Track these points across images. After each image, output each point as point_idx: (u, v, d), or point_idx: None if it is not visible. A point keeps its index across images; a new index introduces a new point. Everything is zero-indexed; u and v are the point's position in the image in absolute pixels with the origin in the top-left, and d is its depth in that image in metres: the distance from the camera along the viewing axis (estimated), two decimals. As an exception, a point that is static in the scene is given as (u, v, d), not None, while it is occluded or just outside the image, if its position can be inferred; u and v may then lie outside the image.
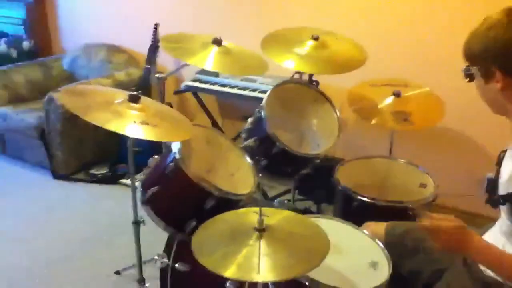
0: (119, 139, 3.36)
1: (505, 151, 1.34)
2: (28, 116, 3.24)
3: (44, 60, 3.77)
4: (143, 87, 3.17)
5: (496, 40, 1.17)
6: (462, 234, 1.25)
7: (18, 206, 2.91)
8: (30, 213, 2.84)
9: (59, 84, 3.56)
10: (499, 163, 1.36)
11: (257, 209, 1.31)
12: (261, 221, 1.29)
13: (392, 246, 1.53)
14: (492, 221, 1.44)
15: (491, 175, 2.42)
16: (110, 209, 2.89)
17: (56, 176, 3.22)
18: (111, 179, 3.22)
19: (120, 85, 3.17)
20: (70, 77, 3.69)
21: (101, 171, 3.29)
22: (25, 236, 2.62)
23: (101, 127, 3.22)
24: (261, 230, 1.28)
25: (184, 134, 1.55)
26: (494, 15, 1.20)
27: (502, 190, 1.29)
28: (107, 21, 3.68)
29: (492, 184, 1.38)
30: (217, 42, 1.95)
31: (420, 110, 2.22)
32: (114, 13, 3.63)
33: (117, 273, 2.28)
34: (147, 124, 1.40)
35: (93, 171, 3.29)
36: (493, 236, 1.40)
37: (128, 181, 3.18)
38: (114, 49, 3.58)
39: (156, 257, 1.86)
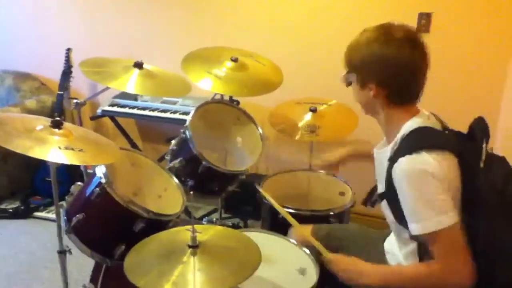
0: (32, 171, 3.20)
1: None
2: None
3: None
4: (57, 114, 3.05)
5: (373, 55, 1.32)
6: (350, 264, 1.45)
7: None
8: None
9: (-39, 115, 3.31)
10: None
11: (189, 226, 1.34)
12: (194, 238, 1.32)
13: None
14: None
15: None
16: (27, 245, 2.72)
17: (-37, 214, 2.98)
18: (25, 213, 3.03)
19: (31, 113, 3.01)
20: (-26, 107, 3.45)
21: (13, 205, 3.09)
22: None
23: (11, 160, 3.04)
24: (195, 246, 1.31)
25: (111, 157, 1.53)
26: (371, 30, 1.34)
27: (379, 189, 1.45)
28: (14, 47, 3.50)
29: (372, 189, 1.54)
30: (139, 65, 1.96)
31: (331, 123, 2.39)
32: (21, 38, 3.46)
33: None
34: (72, 149, 1.38)
35: (3, 206, 3.08)
36: (392, 236, 1.55)
37: (43, 214, 3.03)
38: (22, 76, 3.40)
39: (82, 288, 1.80)
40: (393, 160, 1.30)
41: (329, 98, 2.52)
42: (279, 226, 1.93)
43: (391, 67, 1.31)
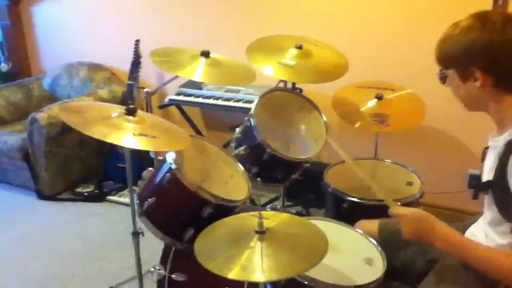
0: (105, 157, 3.38)
1: (488, 148, 1.42)
2: (10, 138, 3.22)
3: (24, 81, 3.75)
4: (127, 103, 3.19)
5: (475, 42, 1.26)
6: (428, 222, 1.35)
7: (5, 230, 2.87)
8: (18, 235, 2.81)
9: (41, 104, 3.54)
10: (483, 159, 1.44)
11: (256, 212, 1.36)
12: (261, 224, 1.33)
13: (386, 241, 1.59)
14: (475, 215, 1.53)
15: (472, 171, 2.54)
16: (100, 226, 2.88)
17: (42, 197, 3.20)
18: (98, 197, 3.21)
19: (103, 102, 3.18)
20: (52, 97, 3.68)
21: (88, 189, 3.29)
22: (15, 260, 2.59)
23: (86, 146, 3.23)
24: (262, 232, 1.33)
25: (182, 144, 1.58)
26: (464, 21, 1.30)
27: (484, 179, 1.37)
28: (87, 40, 3.70)
29: (477, 179, 1.46)
30: (205, 54, 2.00)
31: (400, 113, 2.30)
32: (93, 31, 3.65)
33: (112, 288, 2.29)
34: (146, 135, 1.44)
35: (79, 189, 3.28)
36: (478, 226, 1.48)
37: (115, 198, 3.20)
38: (95, 67, 3.59)
39: (152, 269, 1.88)
40: (511, 148, 1.24)
41: (395, 84, 2.43)
42: (343, 215, 1.92)
43: (497, 50, 1.25)
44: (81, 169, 3.34)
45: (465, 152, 2.64)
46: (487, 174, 1.35)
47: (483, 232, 1.41)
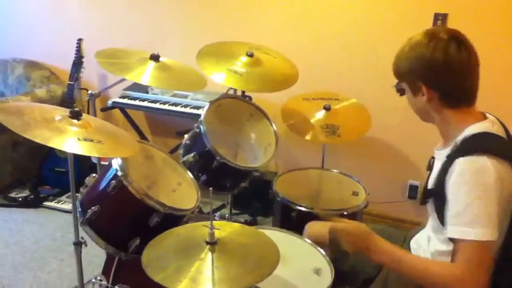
0: (41, 160, 3.19)
1: (434, 158, 1.48)
2: None
3: (-48, 78, 3.47)
4: (67, 104, 3.06)
5: (419, 59, 1.32)
6: (364, 236, 1.39)
7: None
8: None
9: (-29, 103, 3.29)
10: (430, 168, 1.50)
11: (207, 222, 1.32)
12: (212, 235, 1.30)
13: (336, 243, 1.61)
14: (416, 225, 1.58)
15: (413, 182, 2.63)
16: (35, 234, 2.72)
17: (-30, 202, 2.98)
18: (33, 203, 3.03)
19: (41, 102, 3.01)
20: (-17, 96, 3.44)
21: (22, 194, 3.09)
22: None
23: (20, 148, 3.03)
24: (213, 243, 1.30)
25: (129, 150, 1.52)
26: (416, 36, 1.36)
27: (429, 187, 1.43)
28: (25, 35, 3.48)
29: (416, 190, 1.52)
30: (155, 57, 1.94)
31: (348, 122, 2.35)
32: (32, 26, 3.45)
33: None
34: (91, 140, 1.36)
35: (12, 194, 3.08)
36: (423, 234, 1.53)
37: (53, 204, 3.03)
38: (33, 65, 3.39)
39: (93, 280, 1.79)
40: (451, 158, 1.29)
41: (338, 93, 2.48)
42: (291, 224, 1.92)
43: (439, 68, 1.30)
44: (16, 172, 3.15)
45: (407, 163, 2.74)
46: (432, 183, 1.41)
47: (426, 239, 1.47)
